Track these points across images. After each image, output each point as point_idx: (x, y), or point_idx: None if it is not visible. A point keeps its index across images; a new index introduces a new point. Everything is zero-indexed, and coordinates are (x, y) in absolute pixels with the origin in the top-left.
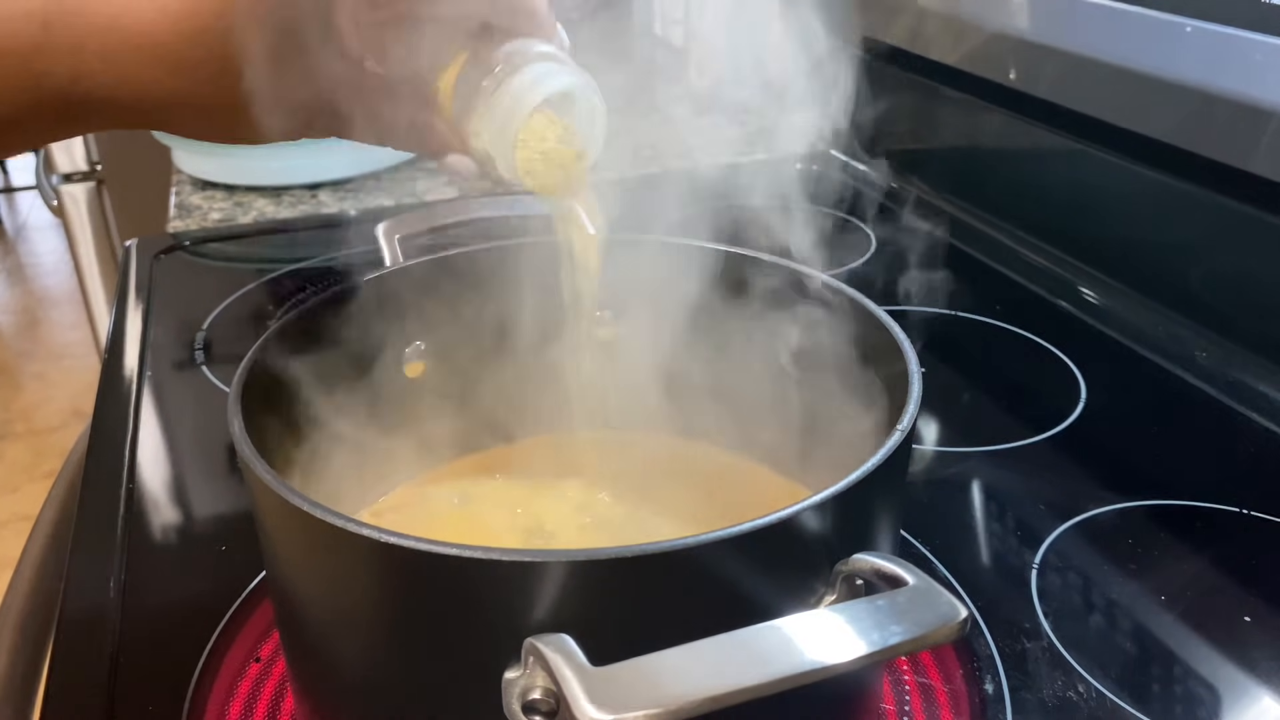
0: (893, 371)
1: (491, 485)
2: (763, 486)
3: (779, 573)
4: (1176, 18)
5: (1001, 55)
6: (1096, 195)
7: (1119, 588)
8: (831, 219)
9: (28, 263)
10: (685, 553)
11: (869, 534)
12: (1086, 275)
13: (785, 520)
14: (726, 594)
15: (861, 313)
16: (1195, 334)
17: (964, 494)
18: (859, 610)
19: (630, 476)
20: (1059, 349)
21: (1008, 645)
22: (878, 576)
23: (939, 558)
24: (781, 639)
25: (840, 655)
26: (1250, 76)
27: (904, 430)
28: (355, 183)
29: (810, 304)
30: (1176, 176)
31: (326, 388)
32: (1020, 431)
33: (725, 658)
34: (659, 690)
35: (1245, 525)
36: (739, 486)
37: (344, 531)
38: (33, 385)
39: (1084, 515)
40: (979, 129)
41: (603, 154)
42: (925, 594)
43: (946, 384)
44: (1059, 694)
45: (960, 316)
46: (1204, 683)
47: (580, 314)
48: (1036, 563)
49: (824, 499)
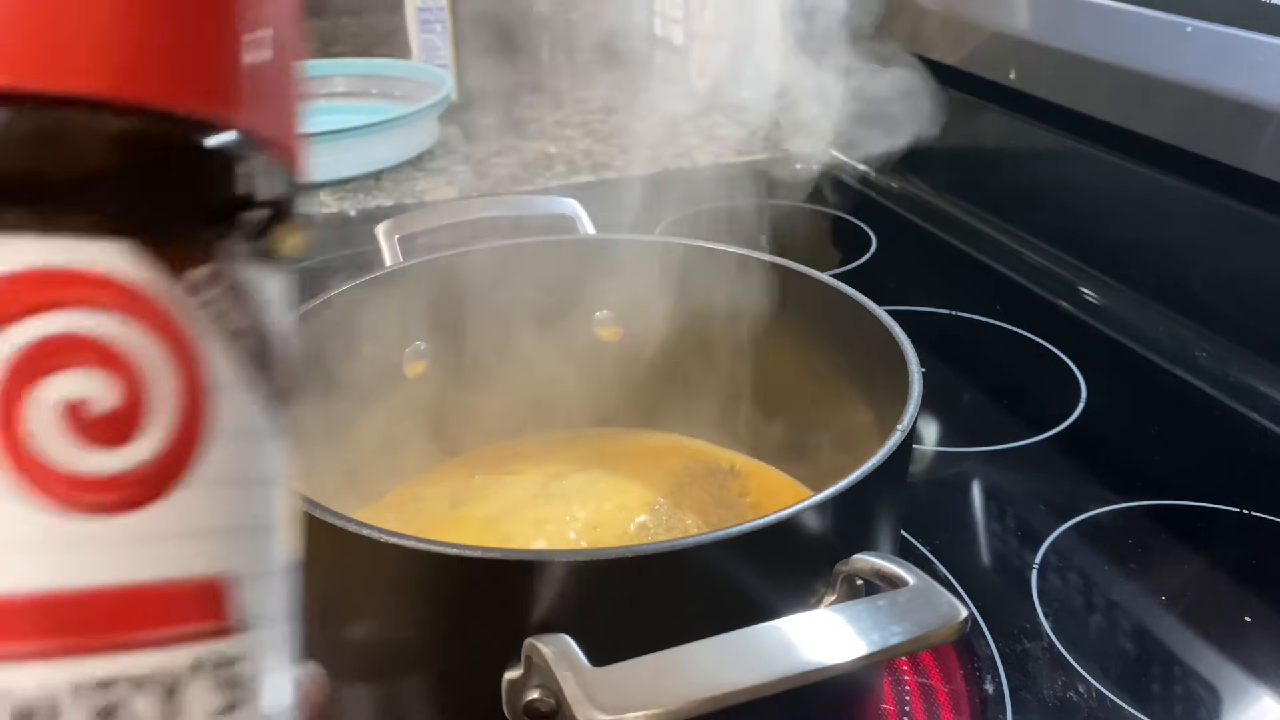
0: (893, 371)
1: (492, 484)
2: (764, 486)
3: (779, 573)
4: (1177, 17)
5: (1002, 55)
6: (1097, 195)
7: (1119, 588)
8: (831, 218)
9: None
10: (685, 553)
11: (869, 534)
12: (1087, 275)
13: (785, 520)
14: (726, 594)
15: (861, 312)
16: (1196, 334)
17: (964, 494)
18: (859, 610)
19: (630, 476)
20: (1059, 349)
21: (1008, 645)
22: (878, 576)
23: (939, 558)
24: (782, 639)
25: (840, 655)
26: (1251, 76)
27: (904, 430)
28: (355, 183)
29: (810, 303)
30: (1176, 176)
31: (325, 387)
32: (1020, 431)
33: (725, 658)
34: (659, 690)
35: (1246, 525)
36: (740, 485)
37: (343, 531)
38: None
39: (1084, 515)
40: (979, 129)
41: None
42: (925, 594)
43: (946, 384)
44: (1059, 694)
45: (960, 316)
46: (1204, 683)
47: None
48: (1037, 563)
49: (824, 499)
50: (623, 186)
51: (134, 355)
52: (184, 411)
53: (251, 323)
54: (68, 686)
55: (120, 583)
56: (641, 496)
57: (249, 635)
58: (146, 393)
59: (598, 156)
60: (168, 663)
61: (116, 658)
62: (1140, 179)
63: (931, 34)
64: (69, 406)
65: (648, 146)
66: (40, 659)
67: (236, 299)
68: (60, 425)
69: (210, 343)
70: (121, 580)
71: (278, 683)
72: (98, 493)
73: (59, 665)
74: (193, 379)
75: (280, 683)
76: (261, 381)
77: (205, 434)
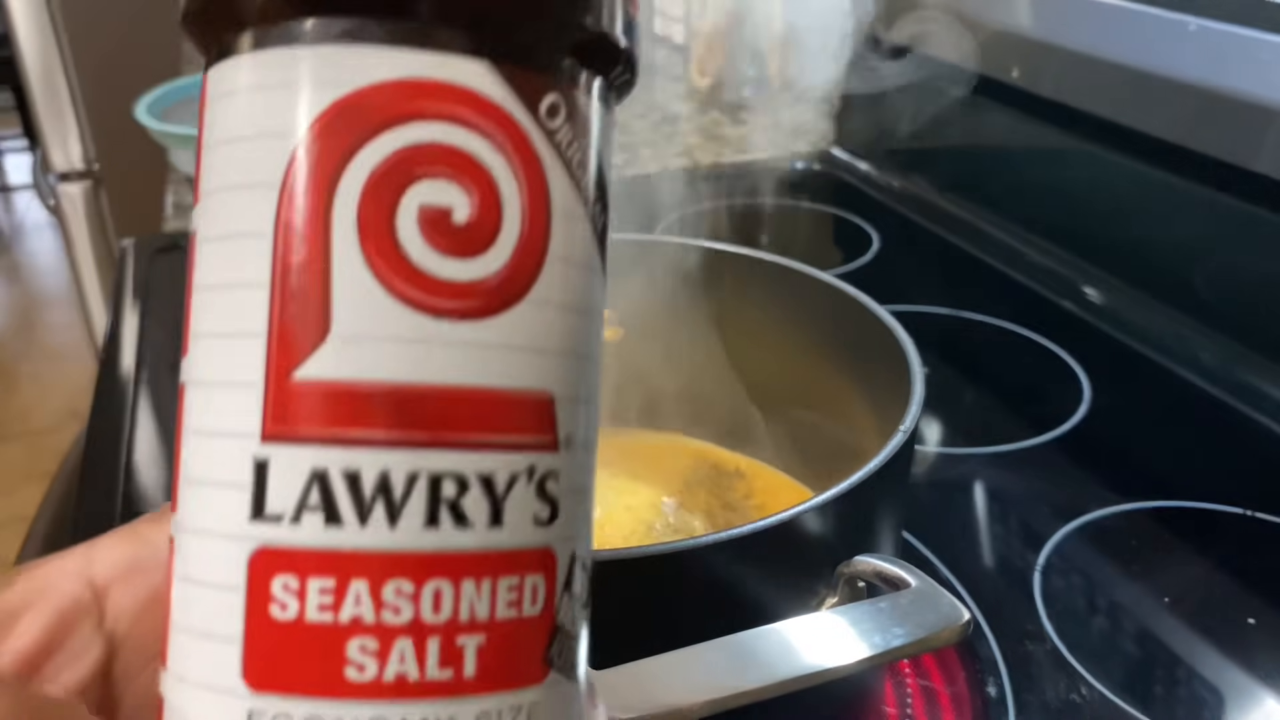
0: (894, 371)
1: None
2: (767, 487)
3: (780, 575)
4: (1180, 16)
5: (1004, 53)
6: (1100, 194)
7: (1123, 590)
8: (833, 218)
9: (23, 262)
10: (685, 555)
11: (871, 535)
12: (1090, 275)
13: (786, 522)
14: (727, 596)
15: (863, 312)
16: (1200, 334)
17: (966, 495)
18: (861, 613)
19: (633, 475)
20: (1062, 349)
21: (1011, 648)
22: (880, 578)
23: (941, 559)
24: (782, 642)
25: (842, 658)
26: (1255, 75)
27: (906, 431)
28: None
29: (812, 303)
30: (1180, 175)
31: None
32: (1023, 432)
33: (725, 661)
34: (657, 694)
35: (1250, 527)
36: (745, 487)
37: None
38: (28, 386)
39: (1088, 517)
40: (982, 127)
41: None
42: (928, 596)
43: (949, 384)
44: (1062, 697)
45: (963, 316)
46: (1208, 686)
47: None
48: (1040, 564)
49: (825, 500)
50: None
51: (491, 171)
52: (530, 230)
53: (591, 157)
54: (406, 473)
55: (465, 384)
56: (648, 497)
57: (568, 455)
58: (499, 208)
59: None
60: (500, 465)
61: (454, 454)
62: (1143, 178)
63: (934, 31)
64: (434, 213)
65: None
66: (386, 446)
67: (581, 132)
68: (423, 228)
69: (556, 169)
70: (466, 382)
71: (582, 506)
72: (453, 297)
73: (401, 453)
74: (539, 200)
75: (584, 507)
76: (594, 215)
77: (547, 254)
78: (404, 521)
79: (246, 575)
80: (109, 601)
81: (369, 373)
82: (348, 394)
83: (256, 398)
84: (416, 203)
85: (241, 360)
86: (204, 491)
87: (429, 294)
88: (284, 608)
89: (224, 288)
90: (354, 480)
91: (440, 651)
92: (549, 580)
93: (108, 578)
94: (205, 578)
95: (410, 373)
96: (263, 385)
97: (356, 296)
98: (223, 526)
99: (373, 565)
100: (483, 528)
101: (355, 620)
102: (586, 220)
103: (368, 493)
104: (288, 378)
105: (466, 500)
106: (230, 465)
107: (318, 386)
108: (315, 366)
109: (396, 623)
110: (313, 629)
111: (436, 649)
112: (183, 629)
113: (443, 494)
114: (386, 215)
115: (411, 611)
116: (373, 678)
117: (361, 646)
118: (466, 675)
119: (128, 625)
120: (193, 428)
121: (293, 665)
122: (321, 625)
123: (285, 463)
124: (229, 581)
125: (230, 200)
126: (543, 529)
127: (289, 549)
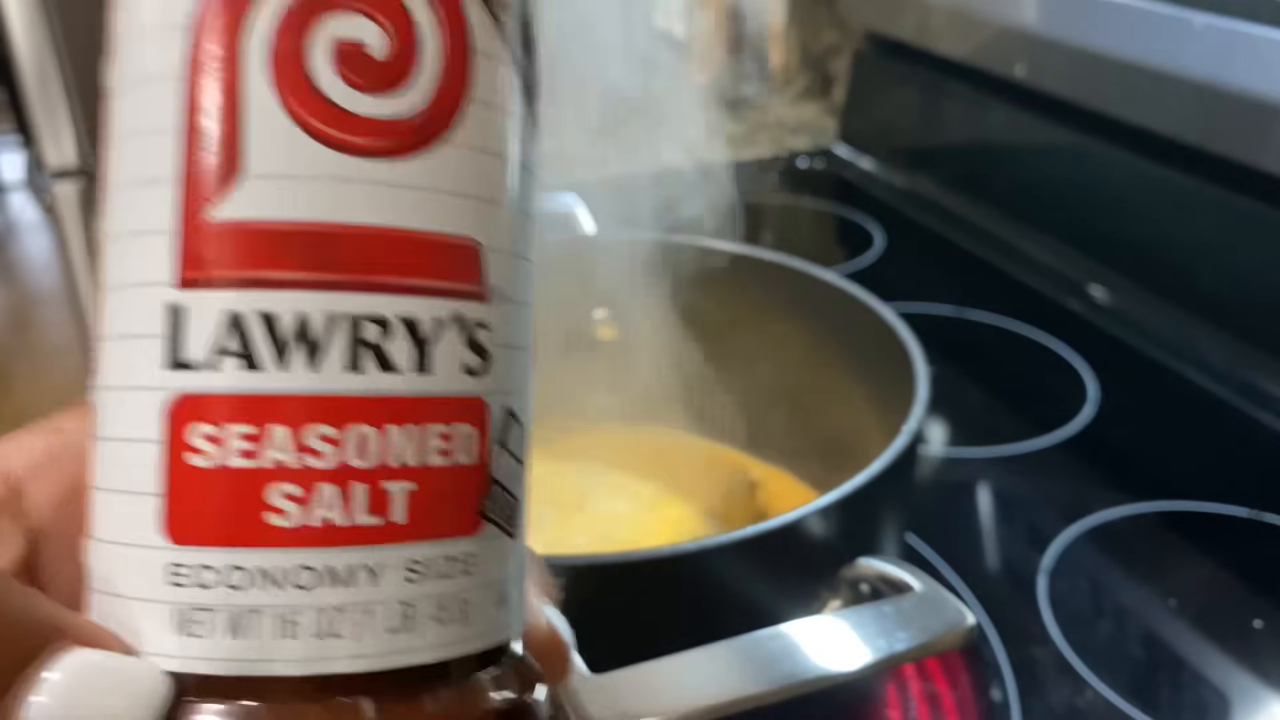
0: (899, 371)
1: None
2: (770, 487)
3: (783, 577)
4: (1185, 12)
5: (1008, 50)
6: (1105, 192)
7: (1128, 593)
8: (835, 216)
9: (17, 261)
10: (687, 557)
11: (874, 538)
12: (1095, 274)
13: (789, 524)
14: (729, 599)
15: (867, 312)
16: (1206, 334)
17: (971, 497)
18: (865, 616)
19: (630, 475)
20: (1068, 349)
21: (1016, 651)
22: (883, 582)
23: (945, 562)
24: (785, 646)
25: (845, 663)
26: (1260, 72)
27: (910, 432)
28: None
29: (816, 303)
30: (1186, 173)
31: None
32: (1029, 433)
33: (726, 665)
34: (658, 699)
35: (1257, 529)
36: (748, 486)
37: None
38: (24, 385)
39: (1093, 519)
40: (986, 125)
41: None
42: (932, 600)
43: (953, 385)
44: (1068, 701)
45: (968, 316)
46: (1214, 689)
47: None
48: (1045, 567)
49: (829, 502)
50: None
51: (406, 4)
52: (449, 68)
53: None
54: (325, 315)
55: (384, 225)
56: (642, 494)
57: (498, 307)
58: (416, 43)
59: (596, 154)
60: (422, 309)
61: (375, 296)
62: (1149, 175)
63: (937, 28)
64: (347, 47)
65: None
66: (303, 288)
67: None
68: (338, 65)
69: (475, 6)
70: (385, 223)
71: (517, 363)
72: (371, 135)
73: (319, 295)
74: (458, 37)
75: (521, 363)
76: (519, 61)
77: (467, 95)
78: (325, 365)
79: (164, 425)
80: (26, 495)
81: (284, 212)
82: (262, 234)
83: (169, 243)
84: (330, 36)
85: (153, 207)
86: (119, 345)
87: (345, 131)
88: (203, 456)
89: (134, 135)
90: (271, 322)
91: (368, 497)
92: (481, 431)
93: (23, 471)
94: (122, 433)
95: (327, 212)
96: (176, 230)
97: (270, 134)
98: (138, 378)
99: (293, 409)
100: (410, 373)
101: (278, 466)
102: (510, 65)
103: (286, 335)
104: (200, 221)
105: (390, 344)
106: (145, 315)
107: (231, 228)
108: (228, 208)
109: (320, 467)
110: (233, 476)
111: (364, 494)
112: (102, 489)
113: (364, 336)
114: (299, 50)
115: (336, 456)
116: (297, 524)
117: (284, 493)
118: (395, 521)
119: (48, 517)
120: (109, 283)
121: (214, 515)
122: (242, 472)
123: (200, 308)
124: (146, 434)
125: (140, 45)
126: (473, 379)
127: (206, 395)
